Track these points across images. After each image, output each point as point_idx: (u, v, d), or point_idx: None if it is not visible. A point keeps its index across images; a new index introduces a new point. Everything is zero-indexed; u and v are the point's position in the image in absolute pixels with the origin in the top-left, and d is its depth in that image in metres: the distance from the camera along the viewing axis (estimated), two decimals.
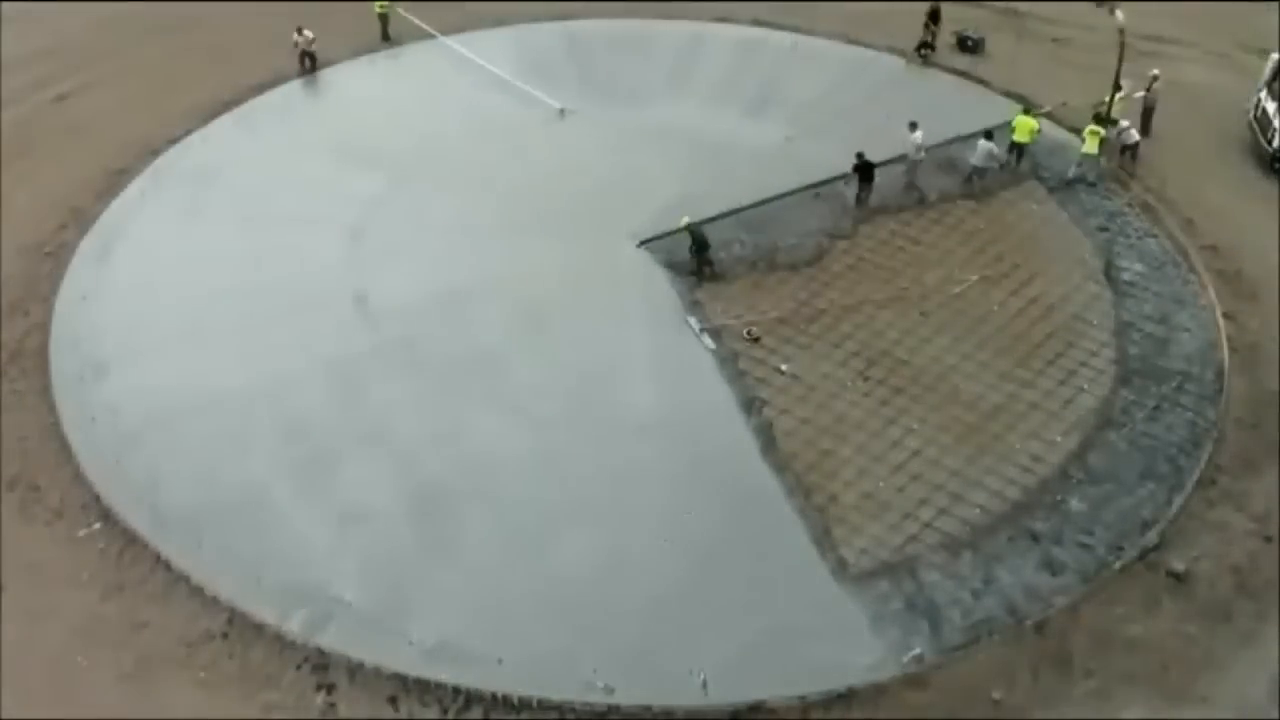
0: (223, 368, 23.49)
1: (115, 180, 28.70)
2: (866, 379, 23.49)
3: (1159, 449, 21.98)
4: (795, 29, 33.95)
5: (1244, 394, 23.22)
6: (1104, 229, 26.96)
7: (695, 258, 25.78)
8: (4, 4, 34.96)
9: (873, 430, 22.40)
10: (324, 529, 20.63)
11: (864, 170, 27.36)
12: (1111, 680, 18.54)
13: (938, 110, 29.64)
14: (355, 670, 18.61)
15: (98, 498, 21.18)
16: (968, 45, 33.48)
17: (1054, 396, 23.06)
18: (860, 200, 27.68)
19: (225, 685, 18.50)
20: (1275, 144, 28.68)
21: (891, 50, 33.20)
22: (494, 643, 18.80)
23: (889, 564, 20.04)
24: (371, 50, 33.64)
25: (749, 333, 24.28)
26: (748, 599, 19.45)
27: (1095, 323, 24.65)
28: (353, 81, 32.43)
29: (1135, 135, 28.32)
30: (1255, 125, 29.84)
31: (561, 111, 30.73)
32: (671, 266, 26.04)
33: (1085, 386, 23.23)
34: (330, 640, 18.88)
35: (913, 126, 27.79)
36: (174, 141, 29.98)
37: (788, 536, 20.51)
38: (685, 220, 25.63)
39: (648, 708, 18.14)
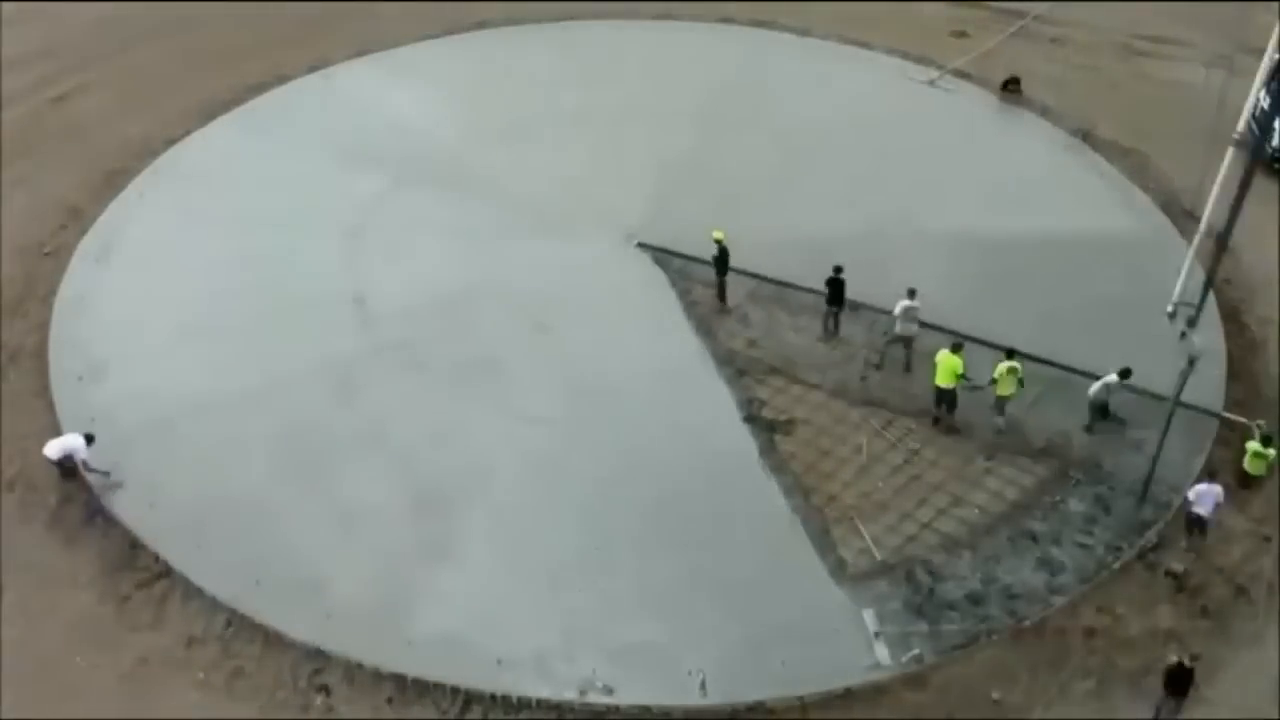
0: (222, 368, 23.47)
1: (114, 180, 28.66)
2: (865, 379, 23.48)
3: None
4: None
5: (1244, 394, 23.21)
6: None
7: (718, 275, 24.73)
8: (4, 4, 34.95)
9: (872, 430, 22.39)
10: (323, 529, 20.61)
11: (836, 289, 23.74)
12: (1110, 680, 18.55)
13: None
14: (354, 670, 18.62)
15: (98, 498, 21.18)
16: None
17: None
18: (829, 327, 24.22)
19: (225, 685, 18.52)
20: (1275, 144, 28.65)
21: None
22: (493, 643, 18.81)
23: (888, 564, 20.05)
24: None
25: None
26: (747, 599, 19.45)
27: None
28: (353, 81, 32.40)
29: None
30: (1255, 125, 29.76)
31: None
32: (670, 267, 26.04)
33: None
34: (330, 640, 18.88)
35: (910, 294, 22.92)
36: (174, 141, 29.95)
37: (787, 536, 20.53)
38: (718, 235, 24.52)
39: (647, 708, 18.15)
